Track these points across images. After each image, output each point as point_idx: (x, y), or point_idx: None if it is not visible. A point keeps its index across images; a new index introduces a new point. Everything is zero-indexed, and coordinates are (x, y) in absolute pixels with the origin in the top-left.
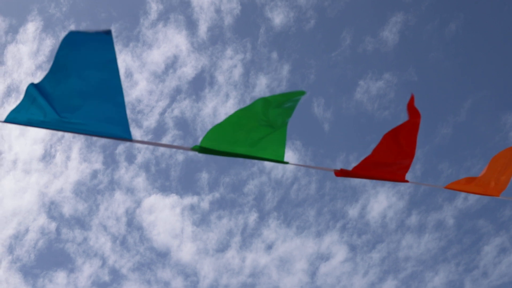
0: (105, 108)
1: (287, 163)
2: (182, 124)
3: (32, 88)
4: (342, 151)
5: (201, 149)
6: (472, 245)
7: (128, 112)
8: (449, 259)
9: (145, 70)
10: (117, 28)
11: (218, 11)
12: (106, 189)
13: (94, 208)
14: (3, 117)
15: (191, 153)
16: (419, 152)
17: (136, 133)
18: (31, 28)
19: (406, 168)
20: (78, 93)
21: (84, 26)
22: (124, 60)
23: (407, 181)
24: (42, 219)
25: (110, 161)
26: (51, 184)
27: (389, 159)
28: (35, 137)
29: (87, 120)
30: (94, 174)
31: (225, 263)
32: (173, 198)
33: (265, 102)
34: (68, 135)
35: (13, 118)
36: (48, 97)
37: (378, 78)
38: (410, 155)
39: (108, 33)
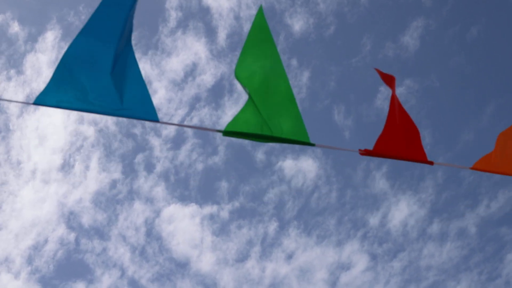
0: (129, 90)
1: (313, 145)
2: (202, 132)
3: (61, 67)
4: (362, 158)
5: (227, 133)
6: (495, 253)
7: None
8: (472, 268)
9: (164, 78)
10: (135, 36)
11: (237, 18)
12: (125, 199)
13: (113, 218)
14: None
15: (210, 161)
16: (440, 159)
17: (155, 142)
18: (50, 36)
19: (420, 144)
20: (102, 75)
21: None
22: (143, 68)
23: (431, 163)
24: (61, 230)
25: (129, 171)
26: (70, 194)
27: (400, 135)
28: (54, 146)
29: (113, 104)
30: (113, 184)
31: (245, 273)
32: (192, 208)
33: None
34: (86, 144)
35: (42, 100)
36: (74, 79)
37: (399, 84)
38: (415, 129)
39: None
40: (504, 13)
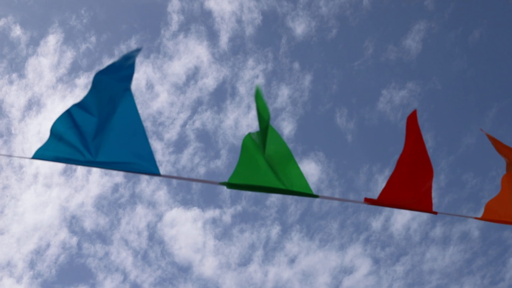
0: (130, 145)
1: (317, 196)
2: (204, 136)
3: (59, 125)
4: (365, 162)
5: (229, 185)
6: (498, 257)
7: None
8: (475, 271)
9: (166, 81)
10: (137, 39)
11: (239, 21)
12: (127, 203)
13: (115, 222)
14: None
15: (213, 165)
16: (443, 163)
17: (157, 145)
18: (52, 40)
19: (429, 192)
20: (102, 130)
21: (105, 38)
22: (145, 72)
23: (435, 213)
24: (64, 234)
25: (131, 175)
26: (72, 198)
27: (409, 182)
28: None
29: (114, 157)
30: (115, 188)
31: (247, 277)
32: (194, 212)
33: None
34: None
35: (41, 155)
36: (74, 135)
37: (401, 87)
38: (429, 174)
39: (135, 53)
40: (506, 16)
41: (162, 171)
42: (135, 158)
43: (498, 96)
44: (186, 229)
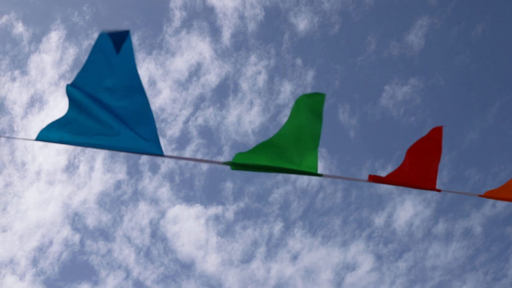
0: (135, 124)
1: (321, 175)
2: (206, 132)
3: (69, 113)
4: (368, 158)
5: (234, 164)
6: (501, 253)
7: None
8: (477, 267)
9: (168, 78)
10: (140, 36)
11: (241, 17)
12: (130, 200)
13: (118, 219)
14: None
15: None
16: (445, 159)
17: (161, 142)
18: (55, 37)
19: (435, 172)
20: (108, 108)
21: None
22: (147, 68)
23: (439, 190)
24: (66, 231)
25: (134, 171)
26: (75, 195)
27: (416, 165)
28: (59, 148)
29: (118, 136)
30: (118, 185)
31: (250, 274)
32: (197, 209)
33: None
34: None
35: (45, 136)
36: (81, 115)
37: (404, 83)
38: (436, 159)
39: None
40: (509, 10)
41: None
42: (139, 139)
43: (501, 92)
44: (189, 226)
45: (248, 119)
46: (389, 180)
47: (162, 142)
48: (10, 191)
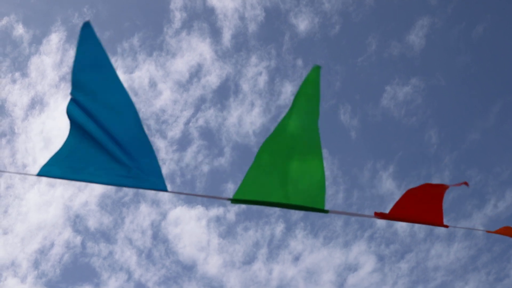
0: (138, 161)
1: (327, 211)
2: (207, 133)
3: (70, 140)
4: (369, 159)
5: (236, 201)
6: (503, 253)
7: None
8: (479, 268)
9: (169, 79)
10: (140, 37)
11: (242, 18)
12: (131, 201)
13: (119, 221)
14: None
15: (216, 163)
16: (447, 159)
17: (160, 143)
18: (55, 39)
19: (440, 210)
20: (106, 132)
21: (108, 35)
22: (148, 69)
23: (446, 226)
24: (67, 233)
25: None
26: (76, 197)
27: (421, 200)
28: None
29: (121, 173)
30: (119, 187)
31: (251, 275)
32: (198, 210)
33: (286, 120)
34: None
35: (47, 171)
36: (82, 143)
37: (405, 83)
38: (441, 193)
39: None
40: (510, 10)
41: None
42: (142, 174)
43: (502, 92)
44: (190, 228)
45: (249, 120)
46: (396, 216)
47: (163, 143)
48: (11, 193)
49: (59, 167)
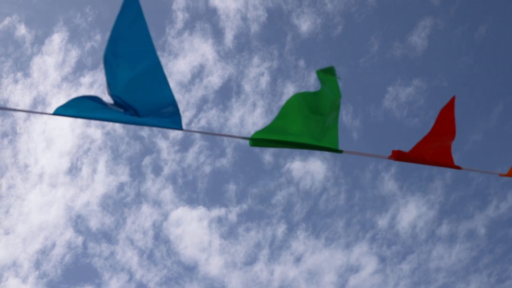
0: (156, 98)
1: (341, 151)
2: (209, 134)
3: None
4: (371, 160)
5: (254, 140)
6: (505, 254)
7: None
8: (481, 269)
9: (171, 80)
10: None
11: (244, 19)
12: (133, 202)
13: (121, 221)
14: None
15: (218, 164)
16: None
17: (162, 144)
18: (57, 39)
19: (449, 149)
20: (128, 83)
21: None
22: None
23: (459, 168)
24: (69, 233)
25: (137, 174)
26: (78, 197)
27: (434, 143)
28: (61, 150)
29: (137, 110)
30: (121, 187)
31: (253, 276)
32: (200, 211)
33: (303, 96)
34: (94, 147)
35: (63, 111)
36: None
37: (407, 84)
38: (451, 136)
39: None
40: None
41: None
42: (159, 113)
43: (504, 93)
44: (192, 228)
45: (251, 121)
46: (411, 157)
47: (165, 144)
48: (13, 193)
49: (75, 107)
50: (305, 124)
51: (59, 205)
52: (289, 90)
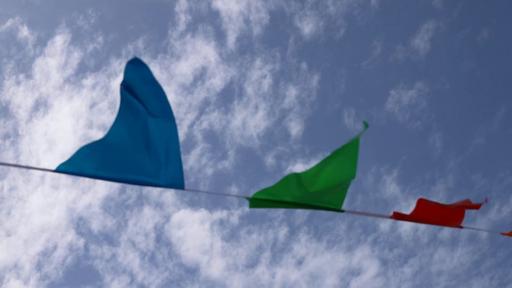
0: (162, 159)
1: (342, 211)
2: (211, 136)
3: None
4: (373, 163)
5: (254, 201)
6: (507, 258)
7: None
8: (483, 273)
9: (173, 82)
10: (145, 40)
11: (246, 21)
12: (134, 204)
13: (122, 223)
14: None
15: (220, 166)
16: (451, 164)
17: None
18: (60, 41)
19: (462, 214)
20: (137, 146)
21: (112, 38)
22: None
23: (461, 227)
24: (71, 235)
25: None
26: (79, 199)
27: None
28: (63, 151)
29: (141, 171)
30: (123, 189)
31: (255, 279)
32: (202, 213)
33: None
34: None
35: (65, 168)
36: (103, 151)
37: (410, 87)
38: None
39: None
40: None
41: None
42: (163, 174)
43: (506, 96)
44: (194, 231)
45: (253, 123)
46: (411, 219)
47: None
48: (14, 195)
49: (77, 165)
50: (304, 196)
51: (60, 207)
52: (291, 93)
